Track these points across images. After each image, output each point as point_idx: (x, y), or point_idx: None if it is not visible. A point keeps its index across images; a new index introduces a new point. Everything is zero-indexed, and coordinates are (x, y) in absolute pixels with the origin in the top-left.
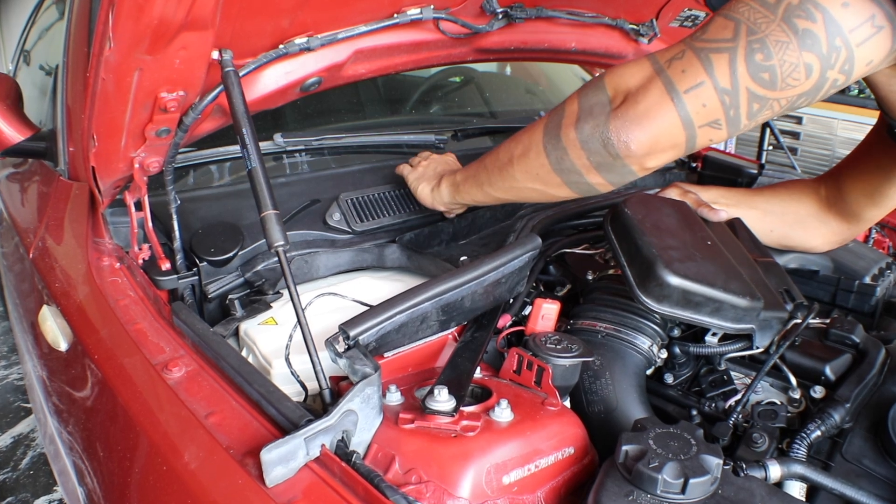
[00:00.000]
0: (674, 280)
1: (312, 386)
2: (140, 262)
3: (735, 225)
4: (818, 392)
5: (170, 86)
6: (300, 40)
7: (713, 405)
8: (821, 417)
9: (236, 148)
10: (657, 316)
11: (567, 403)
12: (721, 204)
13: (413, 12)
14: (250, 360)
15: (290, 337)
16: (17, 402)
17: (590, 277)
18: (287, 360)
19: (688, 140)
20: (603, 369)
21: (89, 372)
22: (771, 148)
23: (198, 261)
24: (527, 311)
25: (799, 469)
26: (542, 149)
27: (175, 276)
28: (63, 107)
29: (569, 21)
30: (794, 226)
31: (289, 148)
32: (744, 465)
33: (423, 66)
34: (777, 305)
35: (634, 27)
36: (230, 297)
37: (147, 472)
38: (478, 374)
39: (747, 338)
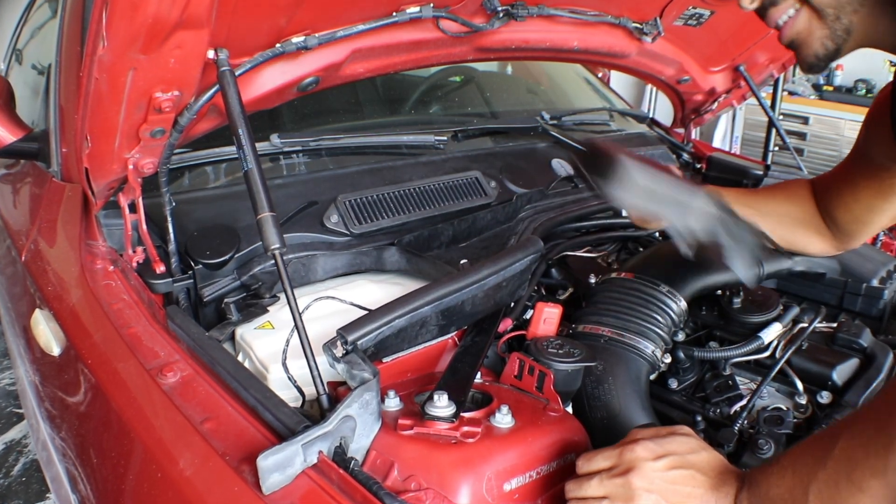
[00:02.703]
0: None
1: (310, 391)
2: (134, 265)
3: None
4: (825, 397)
5: (164, 86)
6: (297, 39)
7: (718, 411)
8: (828, 423)
9: (232, 149)
10: (661, 320)
11: (569, 409)
12: None
13: (412, 11)
14: (246, 364)
15: (287, 341)
16: (9, 408)
17: (592, 281)
18: (284, 365)
19: None
20: (605, 374)
21: (82, 377)
22: (777, 149)
23: (193, 264)
24: (528, 315)
25: None
26: None
27: (170, 279)
28: (56, 107)
29: (571, 19)
30: (795, 230)
31: (286, 149)
32: None
33: (423, 66)
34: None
35: (638, 26)
36: (226, 300)
37: (141, 479)
38: (478, 379)
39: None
